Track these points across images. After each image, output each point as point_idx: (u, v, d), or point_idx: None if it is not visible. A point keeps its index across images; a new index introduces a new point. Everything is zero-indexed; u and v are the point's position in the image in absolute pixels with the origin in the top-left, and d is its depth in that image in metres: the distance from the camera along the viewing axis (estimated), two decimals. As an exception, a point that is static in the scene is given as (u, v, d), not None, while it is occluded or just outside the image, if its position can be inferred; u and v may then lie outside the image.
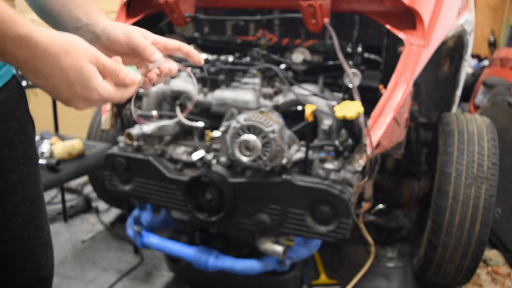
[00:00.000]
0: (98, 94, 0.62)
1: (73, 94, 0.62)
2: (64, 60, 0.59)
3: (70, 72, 0.60)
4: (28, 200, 0.85)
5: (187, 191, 1.48)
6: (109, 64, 0.64)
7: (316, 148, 1.45)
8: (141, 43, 0.72)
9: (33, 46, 0.57)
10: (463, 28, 1.83)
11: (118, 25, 0.75)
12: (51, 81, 0.61)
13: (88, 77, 0.61)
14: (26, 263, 0.89)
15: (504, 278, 1.90)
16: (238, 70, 1.62)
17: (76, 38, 0.62)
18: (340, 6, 1.48)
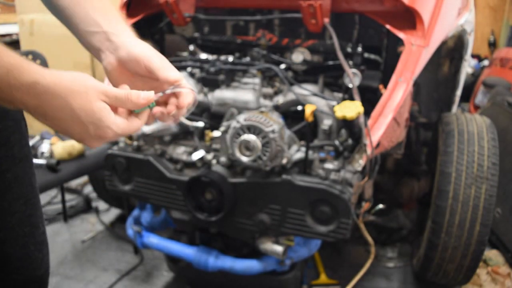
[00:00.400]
0: (112, 131, 0.62)
1: (86, 134, 0.61)
2: (73, 102, 0.58)
3: (81, 113, 0.59)
4: (23, 199, 0.85)
5: (187, 191, 1.48)
6: (120, 94, 0.63)
7: (316, 148, 1.45)
8: (161, 64, 0.69)
9: (41, 92, 0.57)
10: (463, 28, 1.83)
11: (140, 43, 0.71)
12: (63, 124, 0.60)
13: (100, 116, 0.60)
14: (21, 262, 0.88)
15: (504, 278, 1.90)
16: (238, 70, 1.62)
17: (83, 77, 0.60)
18: (340, 6, 1.48)
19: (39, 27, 3.15)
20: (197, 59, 1.68)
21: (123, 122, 0.64)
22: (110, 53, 0.71)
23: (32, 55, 2.15)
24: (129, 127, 0.64)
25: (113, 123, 0.62)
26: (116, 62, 0.71)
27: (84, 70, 3.05)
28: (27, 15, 3.17)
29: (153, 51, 0.71)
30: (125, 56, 0.70)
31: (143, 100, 0.64)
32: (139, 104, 0.64)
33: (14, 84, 0.55)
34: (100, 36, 0.71)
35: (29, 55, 2.14)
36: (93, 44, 0.71)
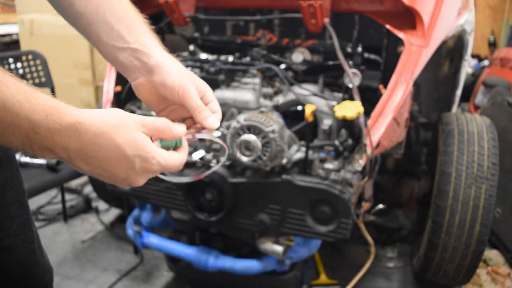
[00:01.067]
0: (157, 162, 0.59)
1: (132, 170, 0.58)
2: (116, 136, 0.55)
3: (126, 146, 0.56)
4: (18, 203, 0.83)
5: (187, 191, 1.48)
6: (158, 122, 0.60)
7: (316, 148, 1.45)
8: (196, 102, 0.67)
9: (84, 132, 0.54)
10: (463, 28, 1.83)
11: (175, 68, 0.68)
12: (106, 164, 0.57)
13: (144, 147, 0.58)
14: (31, 269, 0.87)
15: (504, 278, 1.90)
16: (238, 70, 1.62)
17: (118, 111, 0.58)
18: (340, 6, 1.48)
19: (39, 27, 3.15)
20: (197, 59, 1.68)
21: (165, 153, 0.61)
22: (141, 75, 0.69)
23: (32, 55, 2.15)
24: (172, 159, 0.62)
25: (157, 153, 0.59)
26: (148, 85, 0.69)
27: (84, 70, 3.06)
28: (27, 15, 3.17)
29: (190, 81, 0.68)
30: (159, 82, 0.68)
31: (180, 132, 0.63)
32: (175, 135, 0.63)
33: (54, 127, 0.51)
34: (127, 53, 0.67)
35: (29, 55, 2.14)
36: (120, 60, 0.69)
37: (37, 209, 2.48)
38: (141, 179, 0.61)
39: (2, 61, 2.06)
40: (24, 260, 0.85)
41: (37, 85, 2.16)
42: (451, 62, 2.06)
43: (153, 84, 0.69)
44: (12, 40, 4.44)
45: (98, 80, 3.08)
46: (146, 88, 0.70)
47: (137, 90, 0.71)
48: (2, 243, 0.81)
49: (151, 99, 0.72)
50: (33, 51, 2.16)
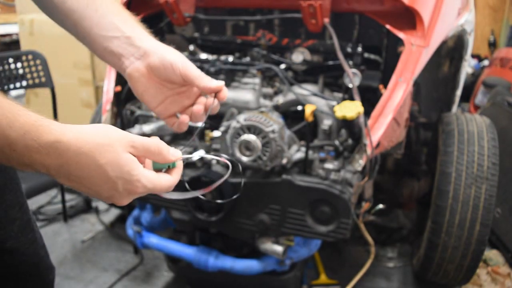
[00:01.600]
0: (142, 185, 0.56)
1: (115, 191, 0.56)
2: (99, 157, 0.53)
3: (108, 168, 0.54)
4: (18, 206, 0.83)
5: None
6: (150, 144, 0.57)
7: (316, 148, 1.45)
8: (197, 72, 0.66)
9: (64, 150, 0.52)
10: (463, 28, 1.83)
11: (170, 49, 0.68)
12: (89, 183, 0.55)
13: (129, 169, 0.55)
14: (35, 269, 0.88)
15: (504, 278, 1.90)
16: (238, 70, 1.62)
17: (106, 128, 0.55)
18: (340, 6, 1.48)
19: (39, 27, 3.15)
20: (197, 59, 1.68)
21: (153, 175, 0.58)
22: (137, 59, 0.67)
23: (32, 55, 2.15)
24: (160, 182, 0.59)
25: (143, 175, 0.56)
26: (145, 69, 0.67)
27: (84, 70, 3.06)
28: (27, 15, 3.17)
29: (186, 58, 0.68)
30: (157, 62, 0.66)
31: (172, 157, 0.60)
32: (168, 159, 0.60)
33: (32, 146, 0.50)
34: (121, 41, 0.67)
35: (29, 55, 2.14)
36: (112, 49, 0.67)
37: (37, 209, 2.48)
38: (125, 200, 0.58)
39: (2, 61, 2.05)
40: (27, 260, 0.86)
41: (37, 85, 2.16)
42: (451, 62, 2.06)
43: (150, 66, 0.67)
44: (12, 40, 4.44)
45: (98, 80, 3.08)
46: (142, 73, 0.68)
47: (132, 79, 0.69)
48: (4, 245, 0.81)
49: (147, 89, 0.69)
50: (33, 51, 2.16)
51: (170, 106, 0.71)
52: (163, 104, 0.71)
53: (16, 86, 2.10)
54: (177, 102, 0.71)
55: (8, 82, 2.06)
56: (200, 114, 0.69)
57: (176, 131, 0.72)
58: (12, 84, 2.08)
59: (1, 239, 0.81)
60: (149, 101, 0.71)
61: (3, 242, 0.81)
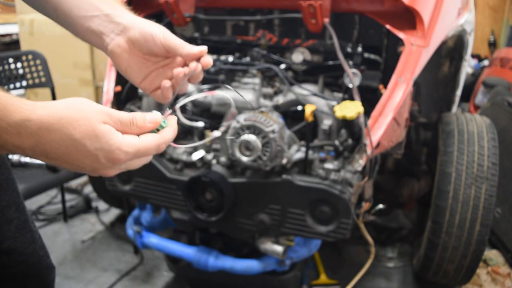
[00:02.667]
0: (124, 152, 0.55)
1: (97, 163, 0.55)
2: (74, 132, 0.51)
3: (86, 141, 0.52)
4: (14, 206, 0.83)
5: (187, 191, 1.48)
6: (124, 117, 0.56)
7: (316, 148, 1.45)
8: (179, 40, 0.66)
9: (35, 129, 0.50)
10: (463, 28, 1.83)
11: (149, 22, 0.68)
12: (69, 158, 0.53)
13: (107, 139, 0.53)
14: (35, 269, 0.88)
15: (504, 278, 1.90)
16: (238, 70, 1.62)
17: (79, 102, 0.54)
18: (340, 6, 1.48)
19: (39, 27, 3.15)
20: (197, 59, 1.68)
21: (134, 139, 0.56)
22: (117, 35, 0.67)
23: (32, 55, 2.15)
24: (143, 143, 0.56)
25: (122, 142, 0.54)
26: (126, 44, 0.67)
27: (84, 70, 3.06)
28: (27, 15, 3.17)
29: (166, 29, 0.67)
30: (137, 35, 0.66)
31: (149, 124, 0.58)
32: (146, 128, 0.58)
33: (1, 126, 0.48)
34: (101, 19, 0.67)
35: (29, 55, 2.14)
36: (93, 28, 0.67)
37: (37, 209, 2.49)
38: (112, 171, 0.57)
39: (2, 61, 2.06)
40: (27, 261, 0.86)
41: (37, 85, 2.16)
42: (451, 62, 2.06)
43: (131, 40, 0.67)
44: (12, 40, 4.44)
45: (98, 80, 3.08)
46: (124, 49, 0.67)
47: (115, 55, 0.68)
48: (2, 246, 0.81)
49: (131, 64, 0.69)
50: (33, 51, 2.16)
51: (155, 80, 0.71)
52: (148, 78, 0.71)
53: (16, 86, 2.10)
54: (161, 75, 0.70)
55: (8, 82, 2.06)
56: (180, 77, 0.67)
57: (162, 102, 0.70)
58: (12, 84, 2.08)
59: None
60: (133, 76, 0.70)
61: (0, 243, 0.81)
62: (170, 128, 0.60)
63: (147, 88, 0.71)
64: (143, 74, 0.70)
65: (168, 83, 0.68)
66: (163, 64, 0.70)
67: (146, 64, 0.69)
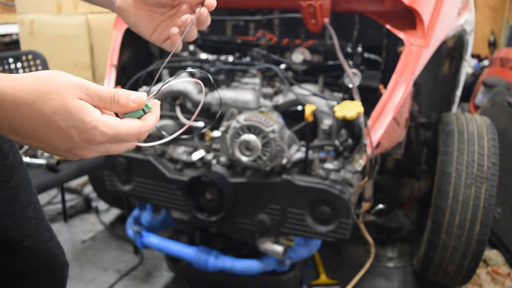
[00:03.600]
0: (101, 132, 0.50)
1: (71, 142, 0.50)
2: (44, 106, 0.47)
3: (56, 117, 0.48)
4: (32, 205, 0.85)
5: (187, 191, 1.48)
6: (103, 92, 0.51)
7: (316, 148, 1.45)
8: None
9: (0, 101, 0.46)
10: (463, 28, 1.83)
11: None
12: (39, 136, 0.49)
13: (81, 116, 0.49)
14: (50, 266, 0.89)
15: (504, 278, 1.90)
16: (238, 70, 1.62)
17: (53, 73, 0.49)
18: (340, 6, 1.48)
19: (39, 27, 3.15)
20: (197, 59, 1.68)
21: (114, 120, 0.52)
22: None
23: (32, 55, 2.15)
24: (124, 127, 0.52)
25: (100, 121, 0.50)
26: None
27: (84, 70, 3.06)
28: (27, 15, 3.17)
29: None
30: None
31: (133, 104, 0.53)
32: (128, 107, 0.53)
33: None
34: None
35: (29, 55, 2.14)
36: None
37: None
38: (89, 151, 0.52)
39: (2, 61, 2.06)
40: (43, 258, 0.87)
41: (37, 85, 2.16)
42: (451, 62, 2.06)
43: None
44: (12, 40, 4.44)
45: (98, 80, 3.08)
46: (130, 3, 0.69)
47: (122, 11, 0.69)
48: (21, 244, 0.82)
49: (139, 18, 0.70)
50: (33, 51, 2.16)
51: (164, 31, 0.71)
52: (157, 30, 0.71)
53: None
54: (170, 25, 0.71)
55: (8, 82, 2.06)
56: (187, 23, 0.67)
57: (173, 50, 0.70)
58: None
59: (19, 239, 0.82)
60: (142, 30, 0.71)
61: (20, 242, 0.82)
62: (154, 115, 0.56)
63: (157, 39, 0.72)
64: (152, 27, 0.71)
65: (176, 30, 0.68)
66: (170, 14, 0.71)
67: (153, 16, 0.70)
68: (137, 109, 0.54)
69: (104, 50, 2.92)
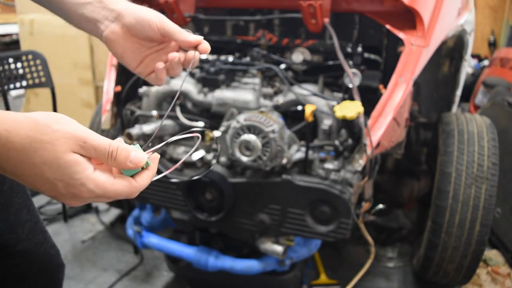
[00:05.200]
0: (88, 190, 0.49)
1: (56, 192, 0.49)
2: (35, 155, 0.46)
3: (45, 168, 0.47)
4: (26, 208, 0.85)
5: (187, 191, 1.48)
6: (102, 146, 0.49)
7: (316, 148, 1.45)
8: (175, 26, 0.66)
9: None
10: (463, 28, 1.83)
11: (144, 8, 0.68)
12: (26, 180, 0.48)
13: (71, 172, 0.47)
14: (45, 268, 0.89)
15: (504, 278, 1.90)
16: (238, 70, 1.62)
17: (51, 120, 0.47)
18: (340, 6, 1.48)
19: (39, 27, 3.15)
20: (197, 59, 1.68)
21: (104, 179, 0.50)
22: (111, 22, 0.67)
23: (32, 55, 2.15)
24: (114, 188, 0.51)
25: (89, 179, 0.49)
26: (121, 30, 0.67)
27: (84, 70, 3.06)
28: (27, 15, 3.17)
29: (161, 14, 0.68)
30: (132, 21, 0.66)
31: (130, 164, 0.51)
32: (125, 167, 0.51)
33: None
34: (94, 6, 0.67)
35: (29, 55, 2.14)
36: (87, 15, 0.67)
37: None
38: (74, 202, 0.52)
39: (2, 61, 2.06)
40: (38, 260, 0.87)
41: (37, 85, 2.16)
42: (451, 62, 2.06)
43: (126, 26, 0.67)
44: (12, 40, 4.44)
45: (98, 80, 3.08)
46: (119, 35, 0.68)
47: (110, 41, 0.69)
48: (16, 248, 0.82)
49: (126, 49, 0.69)
50: (33, 51, 2.16)
51: (150, 64, 0.71)
52: (143, 63, 0.71)
53: (16, 86, 2.10)
54: (156, 59, 0.71)
55: (8, 82, 2.06)
56: (175, 61, 0.67)
57: (156, 84, 0.71)
58: (12, 84, 2.08)
59: (13, 243, 0.82)
60: (128, 62, 0.71)
61: (15, 245, 0.82)
62: (149, 173, 0.55)
63: (142, 72, 0.72)
64: (139, 59, 0.71)
65: (162, 65, 0.69)
66: (158, 49, 0.71)
67: (141, 49, 0.70)
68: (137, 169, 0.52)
69: (104, 50, 2.92)
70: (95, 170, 0.50)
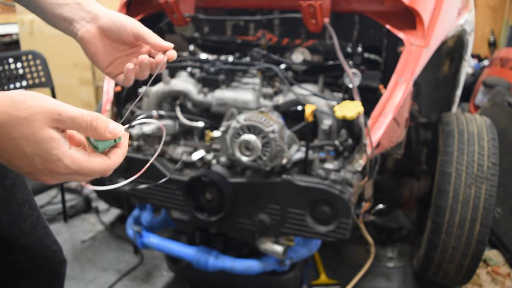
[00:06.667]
0: (64, 166, 0.51)
1: (34, 167, 0.51)
2: (13, 130, 0.48)
3: (23, 142, 0.48)
4: (28, 203, 0.86)
5: (187, 191, 1.48)
6: (79, 117, 0.51)
7: (316, 148, 1.45)
8: (149, 31, 0.70)
9: None
10: (463, 28, 1.83)
11: (120, 13, 0.72)
12: (4, 155, 0.50)
13: (48, 147, 0.49)
14: (48, 263, 0.90)
15: (504, 278, 1.90)
16: (238, 70, 1.62)
17: (29, 97, 0.49)
18: (340, 6, 1.48)
19: (39, 27, 3.15)
20: (197, 59, 1.68)
21: (80, 156, 0.52)
22: (87, 22, 0.70)
23: (32, 55, 2.15)
24: (89, 164, 0.53)
25: (65, 155, 0.51)
26: (96, 30, 0.70)
27: (84, 70, 3.06)
28: (27, 15, 3.17)
29: (136, 20, 0.71)
30: (108, 23, 0.69)
31: (109, 135, 0.54)
32: (103, 137, 0.54)
33: None
34: (72, 7, 0.70)
35: (29, 55, 2.14)
36: (64, 15, 0.70)
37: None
38: (51, 179, 0.53)
39: (2, 61, 2.06)
40: (40, 255, 0.88)
41: (37, 85, 2.16)
42: (451, 62, 2.07)
43: (102, 28, 0.70)
44: (12, 40, 4.44)
45: (98, 80, 3.08)
46: (94, 35, 0.70)
47: (84, 41, 0.71)
48: (18, 242, 0.83)
49: (98, 50, 0.71)
50: (33, 51, 2.16)
51: (120, 66, 0.74)
52: (113, 64, 0.74)
53: (16, 86, 2.10)
54: (126, 62, 0.73)
55: (8, 82, 2.06)
56: (144, 63, 0.70)
57: (124, 85, 0.73)
58: (12, 84, 2.08)
59: (15, 237, 0.83)
60: (99, 61, 0.73)
61: (16, 240, 0.83)
62: (121, 151, 0.57)
63: (111, 72, 0.74)
64: (109, 60, 0.73)
65: (131, 65, 0.71)
66: (129, 53, 0.73)
67: (112, 51, 0.72)
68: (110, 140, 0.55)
69: (104, 50, 2.92)
70: (70, 147, 0.52)
